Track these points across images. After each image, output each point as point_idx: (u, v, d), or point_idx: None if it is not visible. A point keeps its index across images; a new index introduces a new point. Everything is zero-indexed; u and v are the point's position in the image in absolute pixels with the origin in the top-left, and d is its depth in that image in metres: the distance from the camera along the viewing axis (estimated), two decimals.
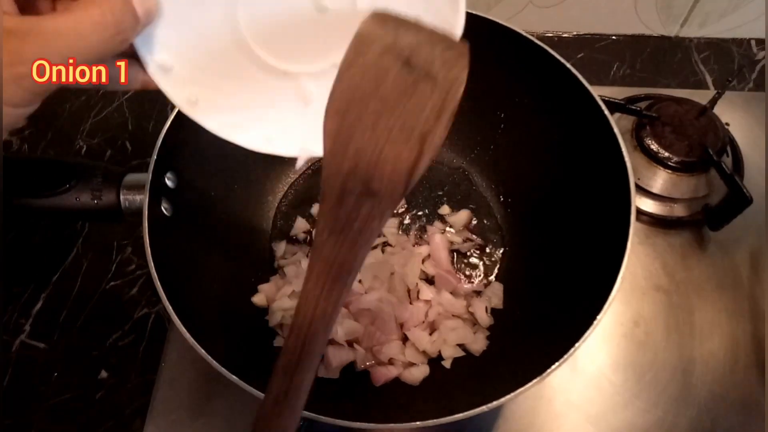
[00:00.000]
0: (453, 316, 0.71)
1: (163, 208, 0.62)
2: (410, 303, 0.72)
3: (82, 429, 0.75)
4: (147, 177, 0.60)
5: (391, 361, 0.67)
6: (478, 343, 0.69)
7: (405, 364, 0.67)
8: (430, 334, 0.69)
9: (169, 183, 0.64)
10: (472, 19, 0.71)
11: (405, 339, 0.69)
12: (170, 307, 0.54)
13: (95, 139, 0.99)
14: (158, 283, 0.55)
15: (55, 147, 0.98)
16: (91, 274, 0.86)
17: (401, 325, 0.69)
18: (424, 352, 0.68)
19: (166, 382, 0.75)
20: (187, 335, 0.53)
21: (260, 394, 0.50)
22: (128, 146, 0.98)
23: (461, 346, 0.69)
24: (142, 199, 0.60)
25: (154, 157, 0.61)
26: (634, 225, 0.56)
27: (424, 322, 0.70)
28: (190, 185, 0.67)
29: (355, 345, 0.67)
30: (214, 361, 0.52)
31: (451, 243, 0.78)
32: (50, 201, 0.60)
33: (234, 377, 0.51)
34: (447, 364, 0.68)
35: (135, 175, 0.63)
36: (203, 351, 0.52)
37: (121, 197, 0.62)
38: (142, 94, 1.03)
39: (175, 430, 0.72)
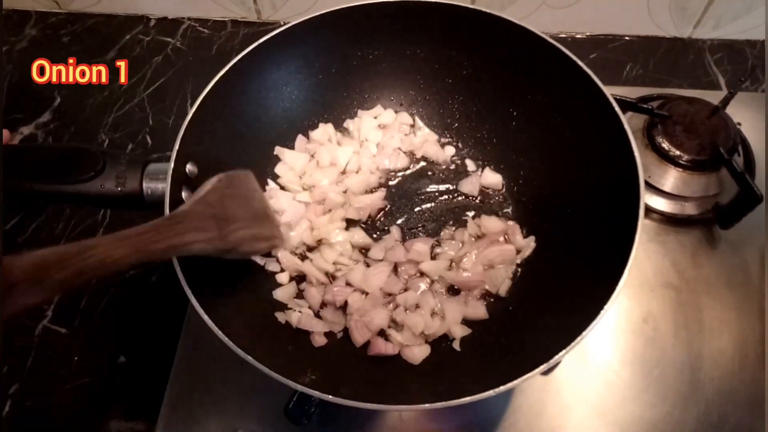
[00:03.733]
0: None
1: (183, 196, 0.64)
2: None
3: (101, 411, 0.77)
4: (169, 166, 0.62)
5: (387, 338, 0.69)
6: (477, 310, 0.71)
7: (403, 345, 0.69)
8: (432, 316, 0.71)
9: (189, 173, 0.66)
10: (486, 18, 0.74)
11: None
12: (191, 293, 0.56)
13: (117, 133, 1.01)
14: (179, 269, 0.57)
15: (78, 140, 1.01)
16: None
17: (389, 295, 0.73)
18: (422, 334, 0.69)
19: (183, 366, 0.77)
20: (207, 319, 0.55)
21: (276, 376, 0.52)
22: (149, 140, 1.01)
23: (465, 322, 0.71)
24: (164, 187, 0.62)
25: (176, 146, 0.63)
26: (642, 218, 0.57)
27: (418, 306, 0.72)
28: (210, 175, 0.69)
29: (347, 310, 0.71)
30: (234, 345, 0.53)
31: None
32: (76, 188, 0.62)
33: (250, 358, 0.53)
34: (456, 345, 0.69)
35: (157, 165, 0.64)
36: (221, 334, 0.54)
37: (144, 185, 0.64)
38: (162, 91, 1.06)
39: (191, 413, 0.74)
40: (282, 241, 0.69)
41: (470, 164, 0.85)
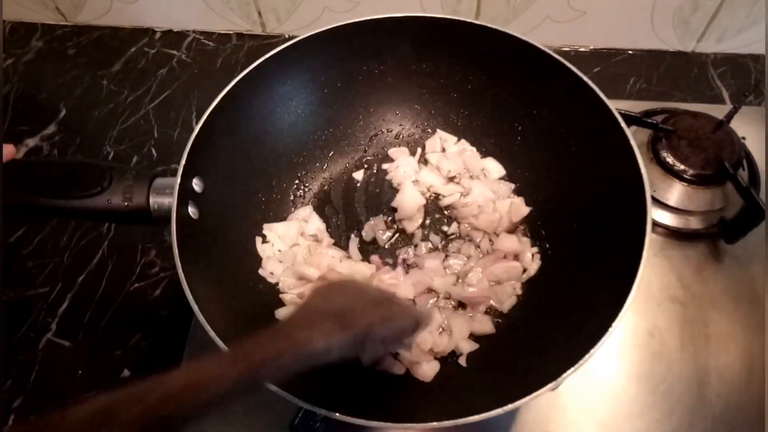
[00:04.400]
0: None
1: (190, 211, 0.64)
2: None
3: None
4: (176, 181, 0.62)
5: (396, 356, 0.69)
6: (484, 325, 0.71)
7: (412, 362, 0.69)
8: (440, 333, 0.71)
9: (196, 187, 0.66)
10: (490, 33, 0.74)
11: None
12: (196, 307, 0.56)
13: (122, 146, 1.02)
14: (185, 284, 0.57)
15: (83, 152, 1.02)
16: (116, 275, 0.88)
17: None
18: (431, 351, 0.69)
19: None
20: (212, 333, 0.55)
21: (283, 393, 0.52)
22: (154, 153, 1.01)
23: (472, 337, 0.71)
24: (171, 202, 0.62)
25: (183, 161, 0.63)
26: (650, 234, 0.57)
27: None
28: (216, 190, 0.69)
29: None
30: None
31: None
32: (83, 203, 0.62)
33: None
34: (463, 361, 0.69)
35: (164, 179, 0.65)
36: (225, 347, 0.54)
37: (151, 200, 0.63)
38: (168, 103, 1.06)
39: (195, 429, 0.73)
40: (428, 319, 0.63)
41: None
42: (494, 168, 0.84)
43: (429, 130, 0.89)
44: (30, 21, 1.18)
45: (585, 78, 0.69)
